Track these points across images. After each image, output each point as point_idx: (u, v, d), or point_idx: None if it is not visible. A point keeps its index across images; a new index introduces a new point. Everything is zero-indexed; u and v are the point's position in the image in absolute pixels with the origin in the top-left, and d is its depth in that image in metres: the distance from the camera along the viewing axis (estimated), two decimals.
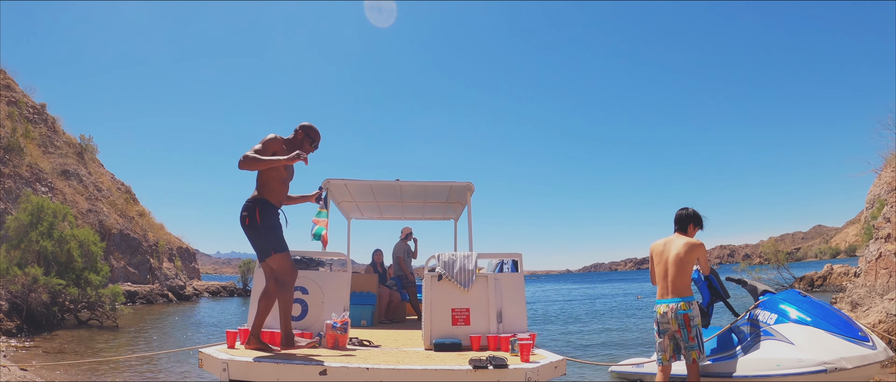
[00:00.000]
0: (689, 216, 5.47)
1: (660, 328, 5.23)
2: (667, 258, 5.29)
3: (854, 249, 60.88)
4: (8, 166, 21.43)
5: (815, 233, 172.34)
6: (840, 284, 22.74)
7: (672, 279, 5.19)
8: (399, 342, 6.30)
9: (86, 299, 15.08)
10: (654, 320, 5.31)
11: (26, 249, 14.10)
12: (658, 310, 5.25)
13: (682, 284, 5.17)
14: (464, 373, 4.47)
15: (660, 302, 5.27)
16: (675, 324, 5.11)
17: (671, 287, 5.19)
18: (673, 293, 5.17)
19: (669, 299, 5.19)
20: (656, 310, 5.28)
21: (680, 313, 5.09)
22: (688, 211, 5.49)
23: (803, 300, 5.56)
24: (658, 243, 5.46)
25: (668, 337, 5.18)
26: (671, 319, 5.12)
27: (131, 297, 24.10)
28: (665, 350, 5.20)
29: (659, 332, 5.24)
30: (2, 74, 26.48)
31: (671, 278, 5.20)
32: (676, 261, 5.20)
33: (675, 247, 5.27)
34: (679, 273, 5.17)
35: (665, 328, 5.18)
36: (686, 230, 5.45)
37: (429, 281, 6.00)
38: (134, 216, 30.74)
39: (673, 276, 5.19)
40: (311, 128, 5.46)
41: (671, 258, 5.25)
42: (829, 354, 4.86)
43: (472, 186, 8.00)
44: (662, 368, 5.26)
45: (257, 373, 4.64)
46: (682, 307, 5.10)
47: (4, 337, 11.53)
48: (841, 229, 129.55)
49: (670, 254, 5.27)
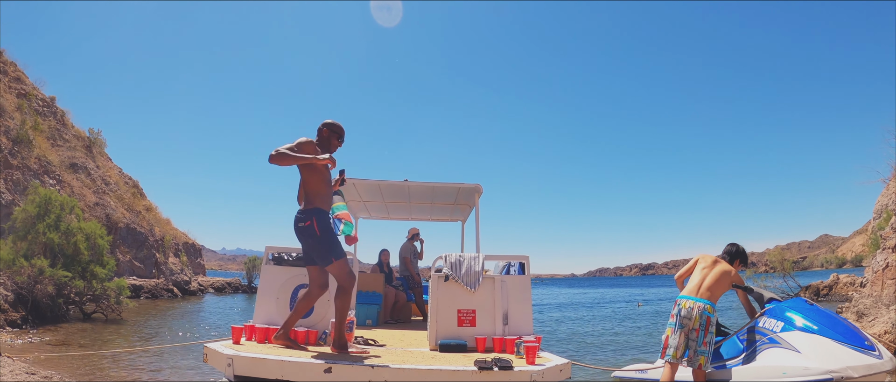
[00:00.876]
0: (739, 253, 5.86)
1: (679, 322, 5.27)
2: (714, 269, 5.54)
3: (860, 259, 60.67)
4: (17, 158, 21.54)
5: (822, 242, 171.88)
6: (846, 294, 22.65)
7: (709, 285, 5.39)
8: (404, 342, 6.30)
9: (91, 292, 15.14)
10: (673, 314, 5.37)
11: (33, 240, 14.16)
12: (683, 305, 5.31)
13: (716, 294, 5.39)
14: (469, 374, 4.47)
15: (687, 298, 5.36)
16: (697, 323, 5.19)
17: (705, 290, 5.37)
18: (704, 295, 5.34)
19: (699, 298, 5.32)
20: (680, 305, 5.33)
21: (705, 313, 5.21)
22: (739, 248, 5.90)
23: (810, 308, 5.52)
24: (709, 255, 5.74)
25: (683, 334, 5.23)
26: (695, 316, 5.21)
27: (136, 291, 24.16)
28: (677, 348, 5.23)
29: (676, 327, 5.29)
30: (12, 66, 26.60)
31: (709, 283, 5.41)
32: (721, 275, 5.47)
33: (724, 266, 5.57)
34: (717, 284, 5.41)
35: (684, 324, 5.24)
36: (732, 263, 5.78)
37: (435, 282, 6.00)
38: (141, 211, 30.85)
39: (711, 283, 5.40)
40: (335, 125, 5.55)
41: (718, 269, 5.51)
42: (835, 363, 4.82)
43: (480, 188, 8.00)
44: (671, 365, 5.28)
45: (262, 369, 4.65)
46: (708, 309, 5.24)
47: (9, 328, 11.58)
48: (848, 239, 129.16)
49: (718, 267, 5.54)
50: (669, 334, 5.34)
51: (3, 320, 11.84)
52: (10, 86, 25.21)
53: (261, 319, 6.14)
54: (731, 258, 5.81)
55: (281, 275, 6.36)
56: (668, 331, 5.37)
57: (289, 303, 6.22)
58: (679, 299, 5.42)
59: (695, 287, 5.43)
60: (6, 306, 12.32)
